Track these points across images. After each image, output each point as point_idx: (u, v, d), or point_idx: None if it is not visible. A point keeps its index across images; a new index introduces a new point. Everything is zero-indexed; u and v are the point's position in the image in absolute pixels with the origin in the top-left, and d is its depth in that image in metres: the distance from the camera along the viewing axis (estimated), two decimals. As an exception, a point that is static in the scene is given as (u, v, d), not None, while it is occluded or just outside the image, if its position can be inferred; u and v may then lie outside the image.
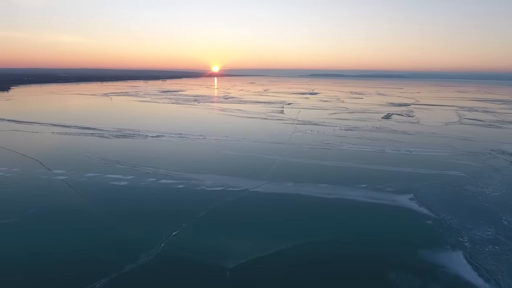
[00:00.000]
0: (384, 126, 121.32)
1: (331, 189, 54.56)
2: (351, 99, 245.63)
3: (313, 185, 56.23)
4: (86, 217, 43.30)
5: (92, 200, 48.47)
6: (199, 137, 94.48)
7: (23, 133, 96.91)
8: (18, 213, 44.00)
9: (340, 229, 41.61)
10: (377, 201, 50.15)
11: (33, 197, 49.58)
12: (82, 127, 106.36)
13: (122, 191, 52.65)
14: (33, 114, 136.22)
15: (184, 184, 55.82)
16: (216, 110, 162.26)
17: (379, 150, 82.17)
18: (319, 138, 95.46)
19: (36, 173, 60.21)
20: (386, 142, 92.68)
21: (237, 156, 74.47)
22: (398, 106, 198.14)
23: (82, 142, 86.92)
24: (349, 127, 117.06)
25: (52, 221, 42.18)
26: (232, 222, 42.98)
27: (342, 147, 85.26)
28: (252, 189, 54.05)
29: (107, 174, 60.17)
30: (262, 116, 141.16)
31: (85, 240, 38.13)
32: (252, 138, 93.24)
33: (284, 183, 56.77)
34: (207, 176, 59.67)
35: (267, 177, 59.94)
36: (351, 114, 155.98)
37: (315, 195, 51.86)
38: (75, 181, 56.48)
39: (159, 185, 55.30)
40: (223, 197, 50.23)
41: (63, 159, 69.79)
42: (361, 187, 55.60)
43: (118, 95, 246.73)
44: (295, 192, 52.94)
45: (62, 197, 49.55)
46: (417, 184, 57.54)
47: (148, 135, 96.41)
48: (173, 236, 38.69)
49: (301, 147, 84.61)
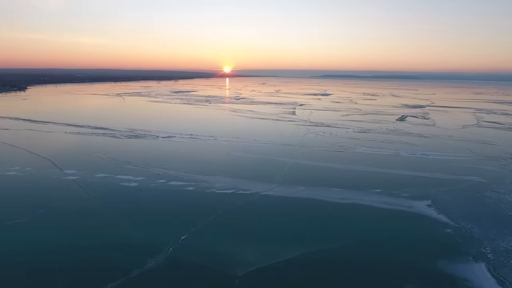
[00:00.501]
0: (399, 128, 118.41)
1: (344, 193, 52.87)
2: (364, 101, 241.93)
3: (325, 189, 54.65)
4: (95, 219, 42.82)
5: (102, 202, 48.04)
6: (210, 138, 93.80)
7: (37, 133, 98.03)
8: (28, 213, 43.86)
9: (354, 237, 39.97)
10: (393, 207, 48.25)
11: (43, 197, 49.50)
12: (94, 127, 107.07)
13: (131, 192, 52.13)
14: (47, 113, 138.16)
15: (194, 186, 54.99)
16: (227, 111, 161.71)
17: (394, 154, 79.85)
18: (332, 140, 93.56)
19: (48, 173, 60.36)
20: (401, 145, 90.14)
21: (248, 158, 73.37)
22: (412, 108, 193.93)
23: (94, 142, 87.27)
24: (362, 129, 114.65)
25: (60, 223, 41.81)
26: (242, 227, 41.83)
27: (355, 149, 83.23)
28: (263, 192, 52.83)
29: (118, 175, 59.86)
30: (274, 117, 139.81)
31: (93, 242, 37.56)
32: (263, 140, 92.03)
33: (296, 187, 55.35)
34: (217, 178, 58.73)
35: (278, 180, 58.62)
36: (364, 115, 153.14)
37: (328, 200, 50.29)
38: (86, 181, 56.30)
39: (169, 187, 54.61)
40: (233, 201, 49.15)
41: (74, 159, 69.97)
42: (375, 192, 53.73)
43: (131, 95, 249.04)
44: (307, 196, 51.48)
45: (72, 198, 49.31)
46: (434, 189, 55.31)
47: (159, 135, 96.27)
48: (181, 240, 37.79)
49: (313, 149, 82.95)
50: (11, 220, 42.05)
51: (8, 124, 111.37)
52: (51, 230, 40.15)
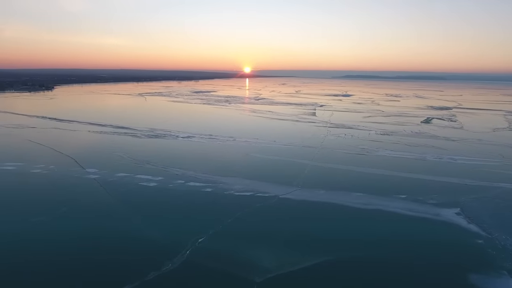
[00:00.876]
0: (424, 131, 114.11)
1: (367, 198, 50.91)
2: (387, 102, 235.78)
3: (347, 193, 52.83)
4: (114, 220, 42.97)
5: (121, 202, 48.27)
6: (229, 138, 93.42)
7: (62, 131, 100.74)
8: (51, 211, 44.58)
9: (379, 246, 38.17)
10: (419, 214, 45.94)
11: (66, 196, 50.30)
12: (116, 126, 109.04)
13: (150, 192, 52.20)
14: (72, 112, 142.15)
15: (212, 187, 54.49)
16: (247, 111, 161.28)
17: (419, 157, 76.66)
18: (353, 143, 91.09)
19: (71, 171, 61.52)
20: (426, 148, 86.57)
21: (267, 160, 72.33)
22: (438, 110, 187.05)
23: (115, 141, 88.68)
24: (385, 131, 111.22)
25: (81, 221, 42.21)
26: (260, 231, 40.84)
27: (378, 152, 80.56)
28: (282, 195, 51.64)
29: (137, 174, 60.24)
30: (294, 118, 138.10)
31: (112, 243, 37.61)
32: (283, 141, 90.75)
33: (316, 190, 53.83)
34: (236, 180, 58.03)
35: (298, 183, 57.26)
36: (387, 117, 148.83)
37: (350, 205, 48.51)
38: (106, 180, 56.94)
39: (187, 187, 54.36)
40: (251, 203, 48.25)
41: (96, 158, 71.15)
42: (400, 198, 51.44)
43: (152, 95, 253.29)
44: (328, 201, 49.88)
45: (93, 197, 49.84)
46: (463, 197, 52.39)
47: (179, 135, 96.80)
48: (199, 243, 37.22)
49: (334, 151, 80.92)
50: (35, 218, 42.86)
51: (35, 122, 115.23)
52: (72, 228, 40.56)
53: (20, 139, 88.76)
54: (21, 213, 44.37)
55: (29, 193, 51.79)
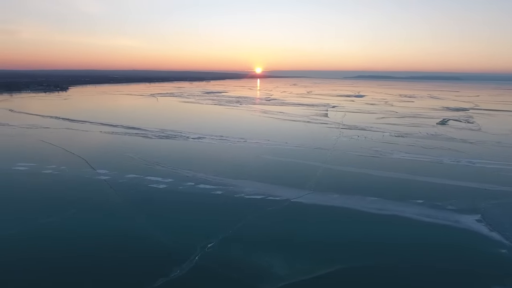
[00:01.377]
0: (440, 133, 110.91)
1: (381, 203, 49.13)
2: (401, 103, 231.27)
3: (361, 198, 51.13)
4: (122, 223, 42.40)
5: (131, 204, 47.71)
6: (239, 140, 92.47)
7: (74, 132, 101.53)
8: (60, 212, 44.31)
9: (394, 255, 36.49)
10: (437, 221, 43.97)
11: (75, 197, 50.07)
12: (128, 127, 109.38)
13: (160, 195, 51.55)
14: (84, 113, 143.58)
15: (223, 190, 53.52)
16: (258, 112, 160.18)
17: (435, 160, 74.15)
18: (367, 145, 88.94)
19: (81, 172, 61.48)
20: (443, 151, 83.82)
21: (279, 162, 71.01)
22: (454, 111, 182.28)
23: (126, 142, 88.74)
24: (399, 133, 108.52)
25: (89, 224, 41.77)
26: (271, 236, 39.61)
27: (392, 155, 78.32)
28: (294, 199, 50.30)
29: (147, 176, 59.77)
30: (305, 119, 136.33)
31: (119, 247, 36.95)
32: (294, 143, 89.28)
33: (329, 194, 52.29)
34: (246, 183, 56.93)
35: (310, 186, 55.80)
36: (401, 118, 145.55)
37: (364, 210, 46.85)
38: (116, 181, 56.60)
39: (197, 190, 53.52)
40: (262, 207, 47.05)
41: (107, 159, 71.09)
42: (417, 203, 49.47)
43: (164, 96, 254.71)
44: (341, 205, 48.31)
45: (103, 199, 49.46)
46: (484, 202, 50.08)
47: (190, 136, 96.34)
48: (208, 248, 36.24)
49: (347, 154, 79.05)
50: (44, 219, 42.64)
51: (49, 122, 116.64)
52: (79, 230, 40.14)
53: (33, 139, 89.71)
54: (31, 213, 44.23)
55: (39, 194, 51.80)
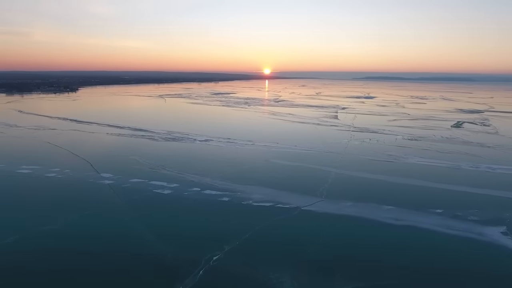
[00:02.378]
0: (455, 136, 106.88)
1: (398, 213, 46.19)
2: (413, 104, 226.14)
3: (375, 206, 48.26)
4: (124, 231, 40.37)
5: (133, 211, 45.69)
6: (247, 142, 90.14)
7: (80, 133, 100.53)
8: (61, 219, 42.48)
9: (414, 271, 33.62)
10: (459, 233, 40.91)
11: (77, 203, 48.32)
12: (134, 129, 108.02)
13: (164, 201, 49.48)
14: (92, 114, 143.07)
15: (230, 196, 51.20)
16: (266, 114, 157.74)
17: (453, 166, 70.66)
18: (379, 148, 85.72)
19: (85, 176, 59.84)
20: (460, 155, 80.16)
21: (288, 166, 68.41)
22: (469, 113, 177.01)
23: (132, 144, 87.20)
24: (413, 136, 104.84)
25: (89, 232, 39.84)
26: (281, 249, 37.11)
27: (407, 160, 75.02)
28: (305, 207, 47.70)
29: (152, 180, 57.79)
30: (315, 122, 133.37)
31: (120, 258, 34.92)
32: (304, 146, 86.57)
33: (341, 202, 49.53)
34: (254, 189, 54.51)
35: (322, 193, 53.12)
36: (414, 121, 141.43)
37: (379, 220, 44.00)
38: (120, 186, 54.76)
39: (203, 196, 51.31)
40: (271, 216, 44.60)
41: (112, 162, 69.46)
42: (435, 213, 46.41)
43: (172, 97, 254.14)
44: (355, 215, 45.53)
45: (105, 205, 47.58)
46: (509, 212, 46.75)
47: (197, 138, 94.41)
48: (213, 261, 33.92)
49: (359, 158, 76.01)
50: (45, 226, 40.90)
51: (56, 124, 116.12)
52: (79, 239, 38.26)
53: (40, 141, 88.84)
54: (26, 220, 42.58)
55: (41, 199, 50.22)
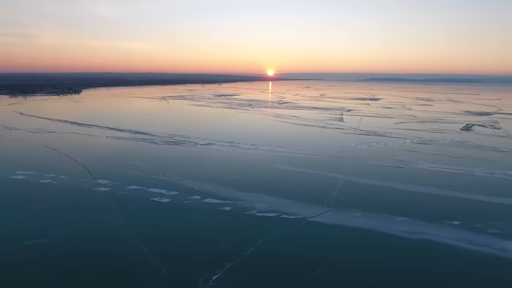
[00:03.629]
0: (466, 139, 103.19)
1: (412, 225, 42.97)
2: (419, 106, 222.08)
3: (387, 217, 45.07)
4: (116, 246, 37.51)
5: (129, 222, 42.86)
6: (251, 146, 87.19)
7: (80, 136, 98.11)
8: (49, 233, 39.64)
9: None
10: (481, 248, 37.63)
11: (69, 214, 45.55)
12: (135, 132, 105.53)
13: (161, 211, 46.61)
14: (93, 116, 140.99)
15: (231, 205, 48.24)
16: (270, 116, 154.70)
17: (467, 172, 67.19)
18: (388, 153, 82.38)
19: (80, 182, 57.19)
20: (473, 161, 76.62)
21: (293, 172, 65.35)
22: (477, 115, 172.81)
23: (132, 148, 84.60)
24: (422, 139, 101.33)
25: (78, 248, 37.02)
26: (285, 268, 34.06)
27: (418, 165, 71.63)
28: (311, 218, 44.64)
29: (151, 187, 55.01)
30: (320, 124, 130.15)
31: (110, 277, 32.11)
32: (309, 150, 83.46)
33: (350, 212, 46.40)
34: (258, 197, 51.51)
35: (329, 202, 50.03)
36: (422, 123, 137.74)
37: (392, 233, 40.81)
38: (116, 194, 52.02)
39: (203, 205, 48.37)
40: (276, 228, 41.57)
41: (110, 167, 66.81)
42: (452, 225, 43.14)
43: (175, 99, 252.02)
44: (365, 227, 42.39)
45: (98, 216, 44.77)
46: (532, 225, 43.35)
47: (199, 142, 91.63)
48: (212, 281, 30.98)
49: (367, 163, 72.75)
50: (30, 240, 38.18)
51: (56, 127, 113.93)
52: (65, 256, 35.51)
53: (38, 144, 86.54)
54: (13, 232, 39.91)
55: (31, 209, 47.60)
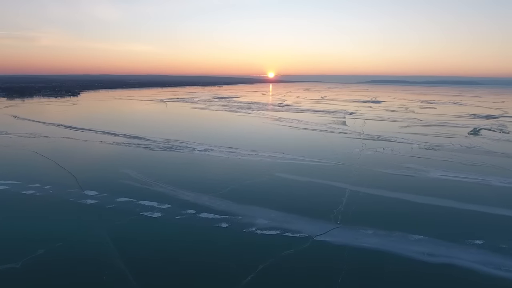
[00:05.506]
0: (475, 144, 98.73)
1: (430, 245, 38.51)
2: (422, 109, 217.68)
3: (402, 235, 40.61)
4: (97, 270, 33.01)
5: (114, 241, 38.40)
6: (251, 152, 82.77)
7: (72, 142, 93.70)
8: (21, 256, 35.14)
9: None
10: (510, 275, 33.14)
11: (48, 232, 41.16)
12: (130, 136, 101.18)
13: (151, 228, 42.14)
14: (89, 120, 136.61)
15: (229, 221, 43.81)
16: (271, 120, 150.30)
17: (482, 182, 62.73)
18: (396, 160, 77.91)
19: (66, 194, 52.73)
20: (486, 168, 72.12)
21: (296, 182, 60.90)
22: (484, 119, 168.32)
23: (126, 154, 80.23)
24: (429, 145, 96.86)
25: (54, 274, 32.58)
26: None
27: (428, 173, 67.17)
28: (317, 236, 40.19)
29: (142, 199, 50.58)
30: (322, 128, 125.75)
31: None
32: (312, 156, 79.03)
33: (361, 229, 41.93)
34: (258, 211, 47.06)
35: (336, 217, 45.59)
36: (427, 127, 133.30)
37: (409, 256, 36.33)
38: (104, 208, 47.61)
39: (197, 221, 43.91)
40: (278, 250, 37.11)
41: (100, 176, 62.38)
42: (476, 245, 38.67)
43: (174, 101, 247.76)
44: (378, 247, 37.91)
45: (80, 235, 40.32)
46: None
47: (196, 148, 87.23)
48: (205, 318, 26.58)
49: (375, 171, 68.27)
50: (4, 264, 33.77)
51: (49, 131, 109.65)
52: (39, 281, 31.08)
53: (27, 150, 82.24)
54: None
55: (8, 227, 43.18)
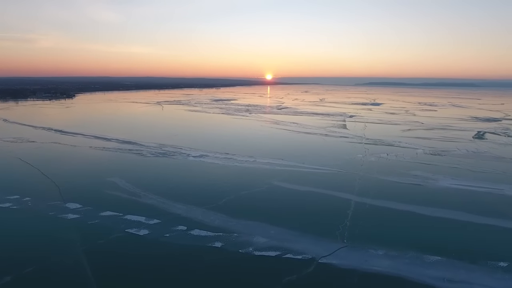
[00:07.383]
0: (482, 149, 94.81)
1: (448, 268, 34.27)
2: (423, 112, 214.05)
3: (416, 256, 36.34)
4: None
5: (93, 266, 33.97)
6: (248, 158, 78.41)
7: (60, 147, 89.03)
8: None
9: None
10: (545, 306, 28.95)
11: (19, 254, 36.73)
12: (122, 141, 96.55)
13: (136, 248, 37.67)
14: (81, 123, 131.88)
15: (224, 240, 39.41)
16: (269, 123, 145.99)
17: (495, 191, 58.64)
18: (401, 166, 73.72)
19: (46, 207, 48.14)
20: (497, 176, 68.08)
21: (296, 192, 56.57)
22: (486, 122, 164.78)
23: (115, 161, 75.69)
24: (434, 150, 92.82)
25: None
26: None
27: (438, 182, 62.99)
28: (322, 258, 35.85)
29: (128, 213, 46.10)
30: (322, 132, 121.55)
31: None
32: (313, 163, 74.75)
33: (370, 250, 37.64)
34: (256, 227, 42.69)
35: (342, 234, 41.30)
36: (431, 131, 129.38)
37: (426, 282, 32.04)
38: (85, 224, 43.12)
39: (188, 240, 39.49)
40: (278, 274, 32.76)
41: (85, 186, 57.82)
42: (499, 268, 34.48)
43: (170, 104, 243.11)
44: (391, 272, 33.61)
45: (56, 257, 35.81)
46: None
47: (191, 154, 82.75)
48: None
49: (380, 180, 64.04)
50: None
51: (38, 135, 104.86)
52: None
53: (11, 156, 77.65)
54: None
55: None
